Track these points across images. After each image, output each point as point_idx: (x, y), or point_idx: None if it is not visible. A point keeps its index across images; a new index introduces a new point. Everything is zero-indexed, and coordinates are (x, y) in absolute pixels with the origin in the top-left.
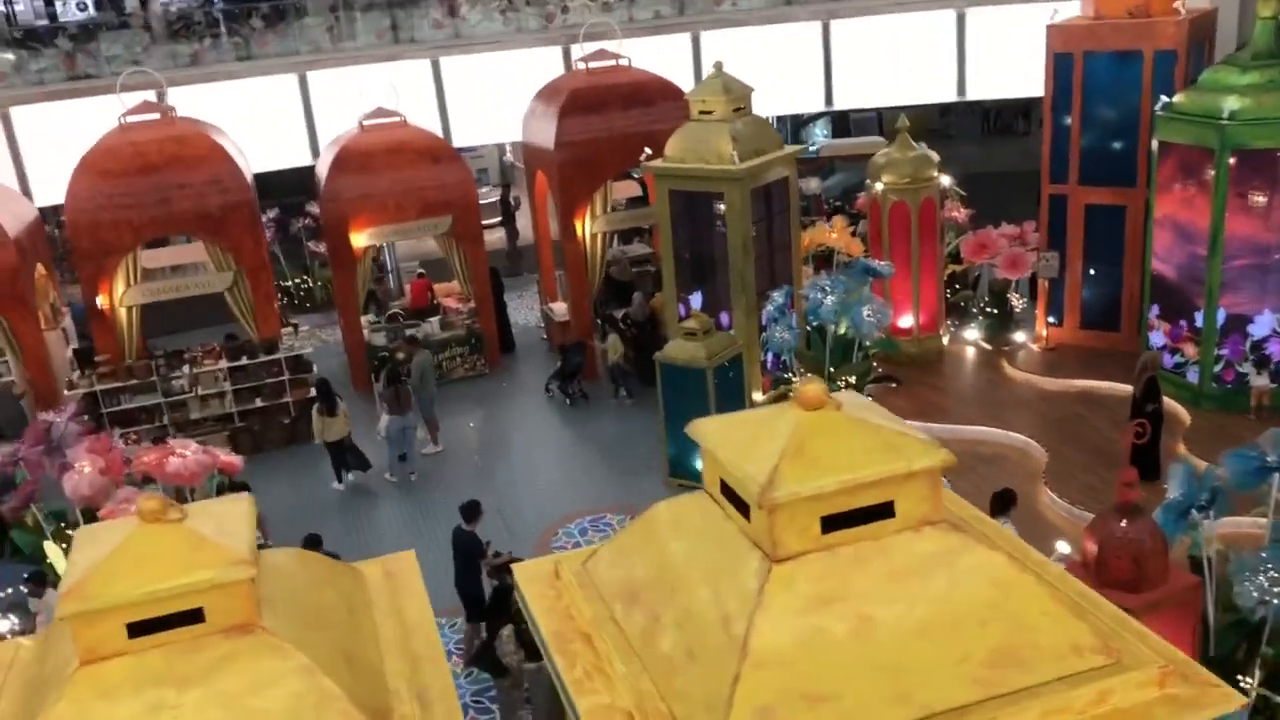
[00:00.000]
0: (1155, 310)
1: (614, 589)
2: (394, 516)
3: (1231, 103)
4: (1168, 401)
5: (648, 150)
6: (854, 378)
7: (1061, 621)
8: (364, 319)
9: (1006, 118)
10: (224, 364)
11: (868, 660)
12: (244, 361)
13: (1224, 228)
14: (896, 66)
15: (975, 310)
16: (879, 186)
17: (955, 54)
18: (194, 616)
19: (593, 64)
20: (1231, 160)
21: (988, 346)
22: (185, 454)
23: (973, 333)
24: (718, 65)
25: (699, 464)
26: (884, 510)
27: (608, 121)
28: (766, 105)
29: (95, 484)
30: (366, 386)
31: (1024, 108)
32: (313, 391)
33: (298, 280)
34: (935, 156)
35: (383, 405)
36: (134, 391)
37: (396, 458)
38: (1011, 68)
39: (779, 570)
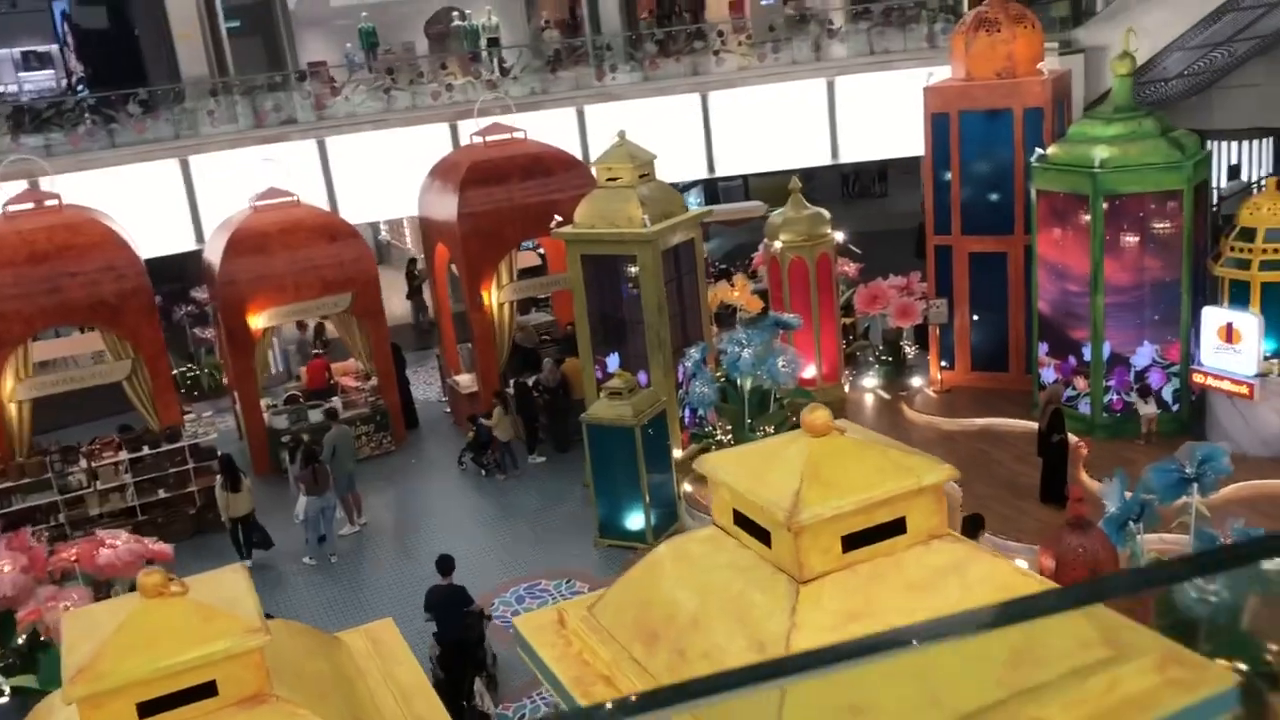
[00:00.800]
0: (1044, 348)
1: (628, 630)
2: (319, 599)
3: (1101, 152)
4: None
5: (558, 218)
6: (772, 427)
7: (1067, 620)
8: (263, 402)
9: (865, 180)
10: (124, 456)
11: (898, 670)
12: (145, 452)
13: (1104, 267)
14: (774, 133)
15: (872, 359)
16: (778, 244)
17: (828, 120)
18: (206, 691)
19: (490, 137)
20: (1105, 205)
21: (885, 394)
22: (116, 544)
23: (870, 381)
24: (621, 134)
25: (630, 524)
26: (897, 526)
27: (508, 192)
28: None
29: (18, 583)
30: (268, 470)
31: (880, 171)
32: (218, 478)
33: (184, 368)
34: (827, 214)
35: (299, 487)
36: (27, 490)
37: (316, 540)
38: (881, 131)
39: (806, 591)
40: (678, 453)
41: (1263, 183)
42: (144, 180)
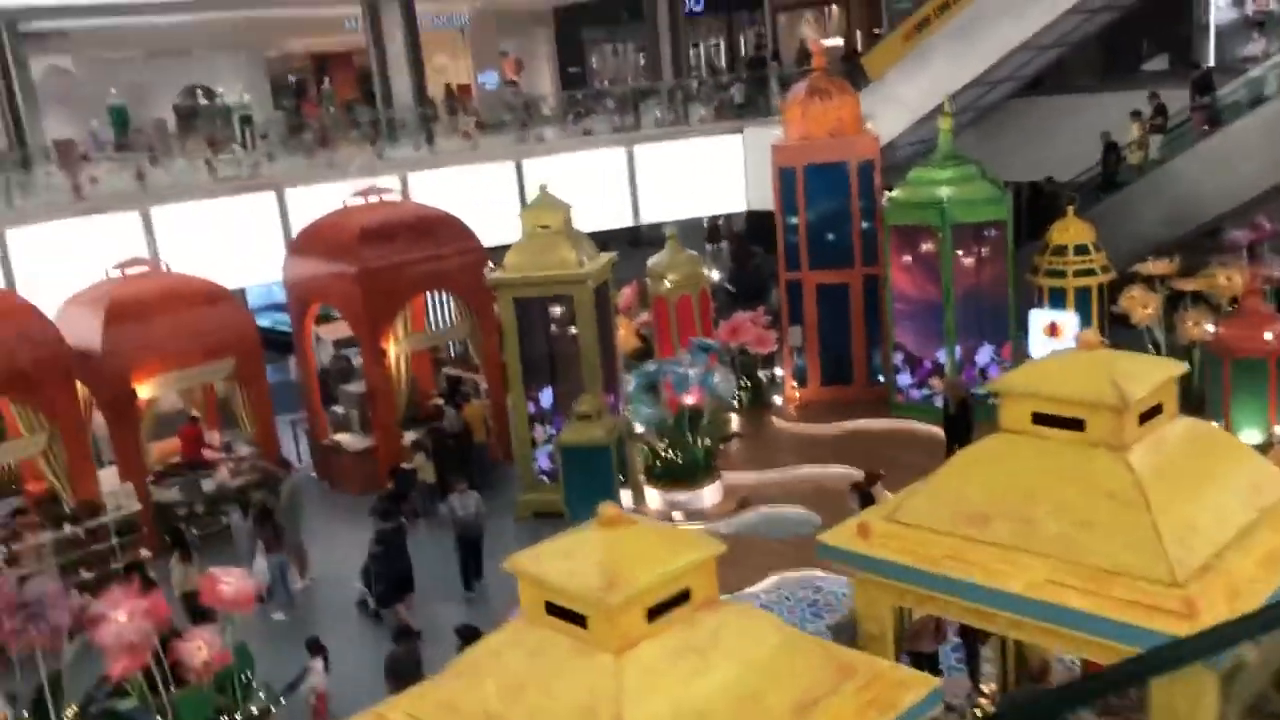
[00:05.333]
0: (899, 357)
1: (948, 520)
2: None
3: (945, 191)
4: (923, 426)
5: (490, 264)
6: (708, 439)
7: (1262, 462)
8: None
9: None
10: (46, 536)
11: (1204, 498)
12: (67, 530)
13: (953, 285)
14: (582, 196)
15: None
16: (666, 284)
17: (628, 184)
18: (683, 598)
19: (370, 198)
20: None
21: (746, 413)
22: (230, 580)
23: (734, 402)
24: (543, 187)
25: None
26: (1159, 408)
27: (401, 249)
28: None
29: (142, 629)
30: (158, 549)
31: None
32: (144, 552)
33: None
34: (701, 257)
35: (258, 546)
36: None
37: (284, 591)
38: (676, 193)
39: (1130, 456)
40: None
41: None
42: None
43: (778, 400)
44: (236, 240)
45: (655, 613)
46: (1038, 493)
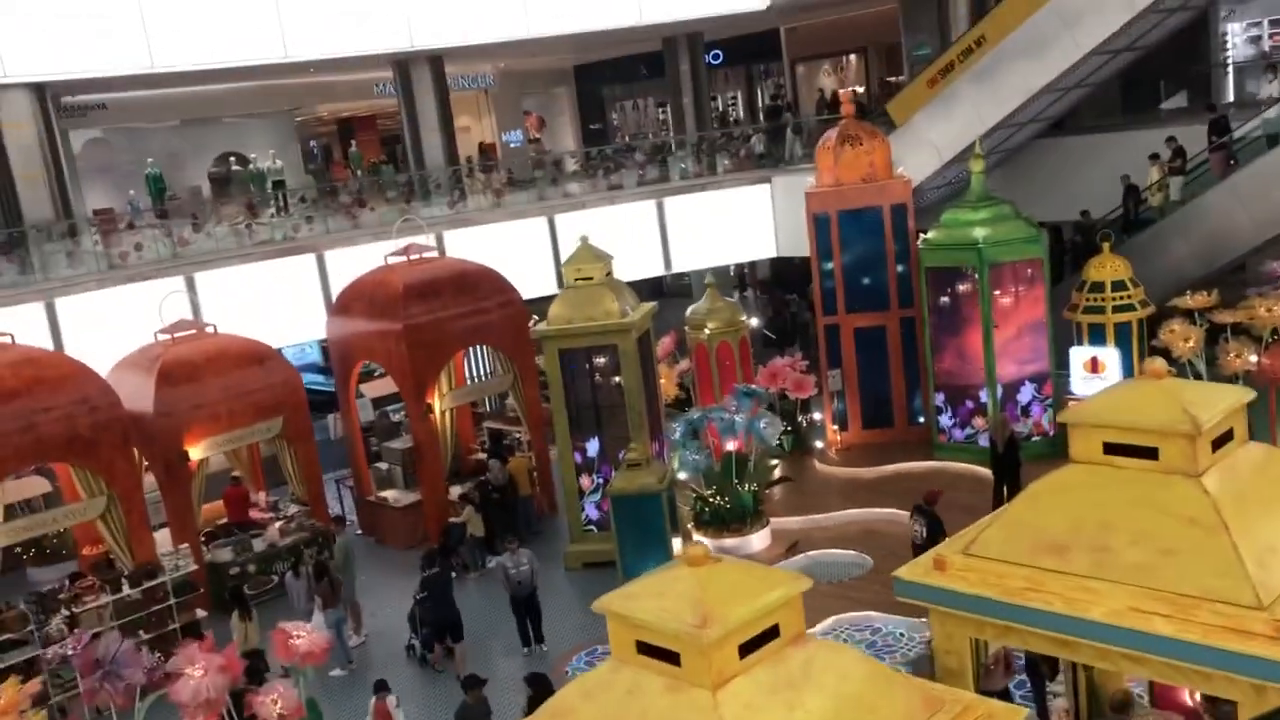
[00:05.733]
0: (940, 397)
1: (1026, 551)
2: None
3: (980, 231)
4: (967, 466)
5: (535, 317)
6: (754, 484)
7: None
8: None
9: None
10: (106, 598)
11: None
12: (128, 592)
13: (992, 323)
14: (614, 247)
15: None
16: (706, 331)
17: (659, 235)
18: (773, 633)
19: (412, 256)
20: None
21: (783, 464)
22: (302, 634)
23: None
24: (583, 238)
25: None
26: (1230, 435)
27: (444, 304)
28: None
29: (218, 685)
30: (211, 608)
31: None
32: (199, 613)
33: None
34: (739, 304)
35: (315, 602)
36: (5, 647)
37: (343, 649)
38: (707, 242)
39: (1205, 481)
40: None
41: None
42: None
43: (819, 444)
44: (277, 301)
45: (747, 649)
46: (1114, 522)
